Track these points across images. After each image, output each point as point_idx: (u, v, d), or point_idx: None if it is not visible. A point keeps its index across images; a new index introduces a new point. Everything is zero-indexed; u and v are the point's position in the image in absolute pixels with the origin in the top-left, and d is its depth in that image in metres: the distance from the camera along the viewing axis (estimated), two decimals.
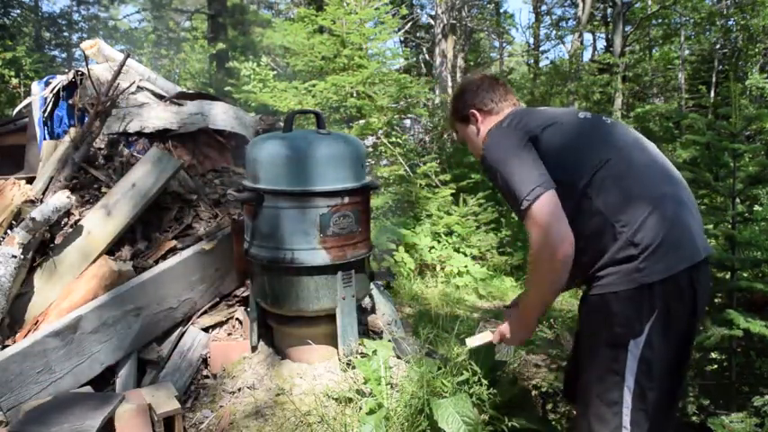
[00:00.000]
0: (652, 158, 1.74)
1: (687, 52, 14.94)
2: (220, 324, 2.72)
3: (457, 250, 6.56)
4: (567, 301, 5.37)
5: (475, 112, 1.95)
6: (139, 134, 3.28)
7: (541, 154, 1.70)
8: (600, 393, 1.67)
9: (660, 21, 15.70)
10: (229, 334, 2.70)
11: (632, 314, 1.62)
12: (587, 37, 18.89)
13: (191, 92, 3.80)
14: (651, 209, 1.62)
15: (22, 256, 2.40)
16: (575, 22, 16.42)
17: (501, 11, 20.17)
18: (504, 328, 1.94)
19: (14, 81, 10.78)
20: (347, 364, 2.47)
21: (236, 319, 2.73)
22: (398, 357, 2.56)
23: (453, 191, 7.38)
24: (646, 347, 1.62)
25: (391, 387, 2.31)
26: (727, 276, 2.83)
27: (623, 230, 1.61)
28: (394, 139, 7.82)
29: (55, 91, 3.45)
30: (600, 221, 1.64)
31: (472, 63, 18.77)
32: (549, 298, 1.78)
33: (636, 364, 1.62)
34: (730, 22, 13.58)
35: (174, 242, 2.77)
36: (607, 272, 1.65)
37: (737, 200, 2.89)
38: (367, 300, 2.95)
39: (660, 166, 1.74)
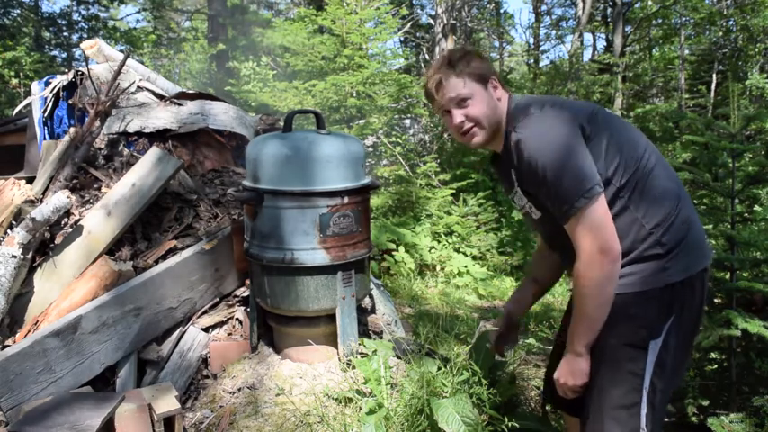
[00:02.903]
0: (664, 160, 1.73)
1: (687, 52, 14.93)
2: (220, 324, 2.72)
3: (457, 250, 6.57)
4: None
5: (495, 79, 1.74)
6: (139, 134, 3.28)
7: (588, 147, 1.58)
8: (617, 396, 1.63)
9: (660, 21, 15.70)
10: (229, 334, 2.70)
11: (654, 314, 1.60)
12: (587, 37, 18.89)
13: (191, 92, 3.80)
14: (677, 209, 1.62)
15: (22, 256, 2.40)
16: (575, 22, 16.43)
17: (501, 11, 20.16)
18: (560, 372, 1.74)
19: (14, 81, 10.79)
20: (347, 364, 2.47)
21: (236, 319, 2.74)
22: (398, 357, 2.56)
23: (453, 191, 7.39)
24: (662, 348, 1.61)
25: (391, 387, 2.31)
26: (727, 276, 2.83)
27: (654, 231, 1.59)
28: (394, 139, 7.83)
29: (55, 91, 3.45)
30: (628, 220, 1.59)
31: None
32: (604, 311, 1.60)
33: (653, 365, 1.61)
34: (730, 22, 13.57)
35: (174, 242, 2.77)
36: (630, 270, 1.61)
37: (736, 200, 2.90)
38: (367, 300, 2.95)
39: (671, 168, 1.73)
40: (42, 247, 2.61)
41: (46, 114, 3.47)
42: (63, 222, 2.72)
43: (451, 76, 1.71)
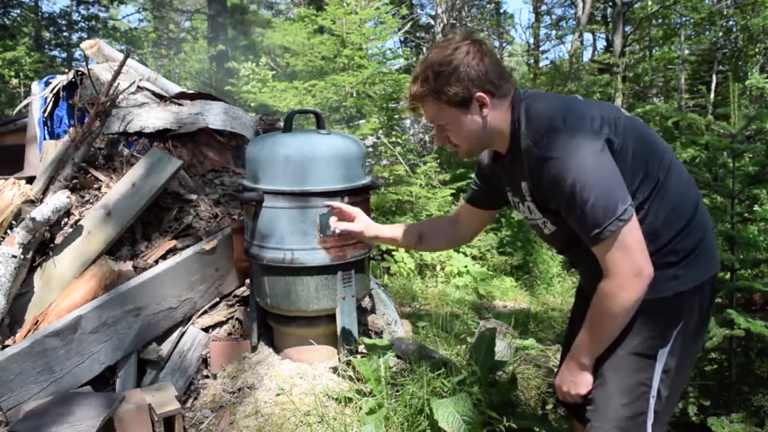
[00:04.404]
0: (680, 163, 1.65)
1: (687, 52, 14.93)
2: (220, 324, 2.72)
3: (457, 250, 6.56)
4: (568, 302, 5.37)
5: (484, 95, 1.53)
6: (139, 134, 3.28)
7: (615, 161, 1.47)
8: (624, 406, 1.58)
9: (660, 21, 15.71)
10: (229, 334, 2.70)
11: (664, 323, 1.56)
12: (587, 37, 18.90)
13: (191, 92, 3.80)
14: (692, 217, 1.57)
15: (22, 256, 2.40)
16: (575, 22, 16.44)
17: (501, 11, 20.17)
18: (562, 380, 1.69)
19: (14, 81, 10.81)
20: (347, 364, 2.47)
21: (236, 319, 2.74)
22: (398, 357, 2.56)
23: (453, 191, 7.38)
24: (669, 356, 1.57)
25: (391, 387, 2.31)
26: (727, 276, 2.83)
27: (670, 241, 1.53)
28: (394, 139, 7.82)
29: (55, 91, 3.45)
30: (647, 231, 1.50)
31: None
32: (621, 328, 1.55)
33: (660, 373, 1.57)
34: (730, 22, 13.58)
35: (174, 242, 2.77)
36: None
37: (736, 200, 2.89)
38: (367, 300, 2.95)
39: (685, 169, 1.66)
40: (42, 247, 2.61)
41: (46, 114, 3.47)
42: (63, 222, 2.72)
43: (428, 100, 1.57)
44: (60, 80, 3.50)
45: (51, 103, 3.44)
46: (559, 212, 1.53)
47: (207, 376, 2.61)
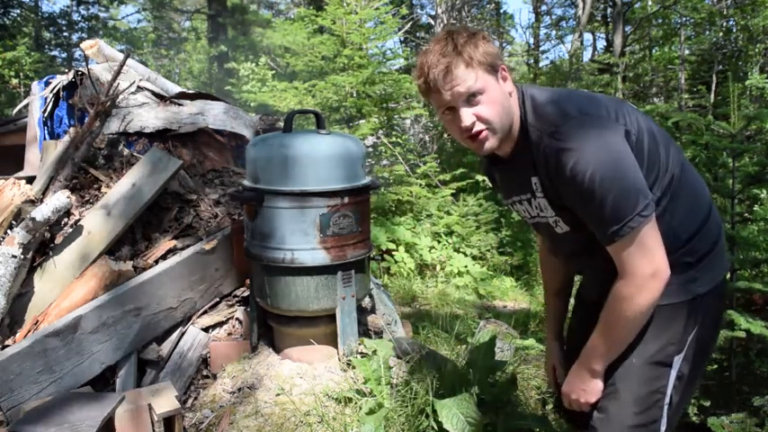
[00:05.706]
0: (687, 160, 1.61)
1: (687, 52, 14.92)
2: (220, 324, 2.72)
3: (457, 250, 6.56)
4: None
5: (504, 68, 1.46)
6: (139, 134, 3.28)
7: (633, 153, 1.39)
8: (637, 414, 1.51)
9: (660, 21, 15.70)
10: (229, 334, 2.70)
11: (682, 329, 1.50)
12: (587, 37, 18.90)
13: (191, 92, 3.80)
14: (708, 216, 1.53)
15: (22, 256, 2.40)
16: (575, 22, 16.45)
17: (501, 11, 20.17)
18: (571, 387, 1.61)
19: (14, 81, 10.81)
20: (347, 364, 2.47)
21: (236, 319, 2.74)
22: (398, 357, 2.56)
23: (453, 191, 7.38)
24: (684, 362, 1.52)
25: (391, 387, 2.31)
26: (727, 276, 2.83)
27: (688, 241, 1.48)
28: (394, 139, 7.82)
29: (55, 91, 3.45)
30: (663, 230, 1.42)
31: None
32: (636, 333, 1.48)
33: (674, 380, 1.52)
34: (730, 22, 13.57)
35: (174, 242, 2.77)
36: None
37: (736, 200, 2.90)
38: (367, 300, 2.95)
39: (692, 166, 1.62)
40: (42, 247, 2.61)
41: (46, 114, 3.47)
42: (63, 222, 2.72)
43: (460, 65, 1.38)
44: (60, 80, 3.50)
45: (51, 103, 3.45)
46: (574, 210, 1.45)
47: (207, 376, 2.61)
